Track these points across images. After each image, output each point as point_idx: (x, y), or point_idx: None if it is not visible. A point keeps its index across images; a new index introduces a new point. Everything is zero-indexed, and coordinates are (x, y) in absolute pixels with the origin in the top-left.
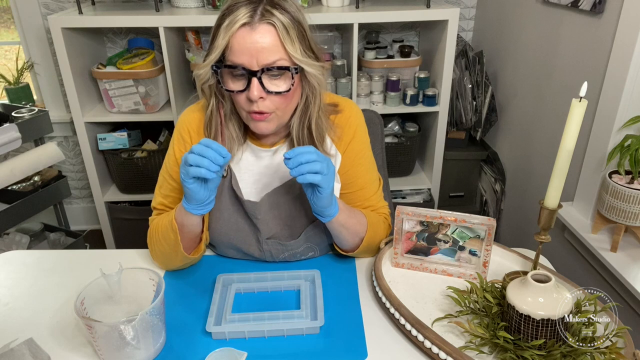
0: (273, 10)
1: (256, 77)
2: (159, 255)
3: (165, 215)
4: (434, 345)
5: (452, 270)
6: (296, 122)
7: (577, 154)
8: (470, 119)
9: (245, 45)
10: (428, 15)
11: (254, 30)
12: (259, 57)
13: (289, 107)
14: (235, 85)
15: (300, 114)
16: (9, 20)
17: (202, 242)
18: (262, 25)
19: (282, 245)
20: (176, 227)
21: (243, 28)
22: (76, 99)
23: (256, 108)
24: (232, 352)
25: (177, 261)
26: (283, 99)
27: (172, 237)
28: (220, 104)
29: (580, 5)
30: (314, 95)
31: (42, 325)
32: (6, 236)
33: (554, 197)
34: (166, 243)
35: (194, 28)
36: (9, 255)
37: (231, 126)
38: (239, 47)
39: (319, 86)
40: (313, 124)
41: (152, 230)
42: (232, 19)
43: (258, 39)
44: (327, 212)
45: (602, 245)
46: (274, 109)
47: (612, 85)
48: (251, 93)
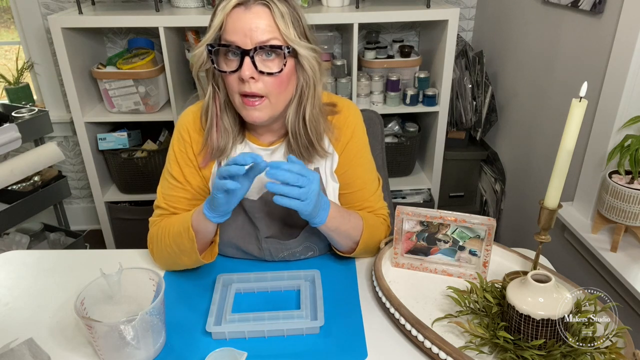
0: None
1: (249, 56)
2: (165, 257)
3: (176, 219)
4: (434, 345)
5: (452, 270)
6: (292, 114)
7: (577, 154)
8: (470, 119)
9: (240, 24)
10: (428, 15)
11: (249, 10)
12: (252, 35)
13: (282, 94)
14: (228, 66)
15: (296, 107)
16: (9, 20)
17: (215, 244)
18: (256, 6)
19: (281, 244)
20: (193, 236)
21: (238, 8)
22: (76, 99)
23: (247, 89)
24: (232, 352)
25: (185, 265)
26: (275, 81)
27: (187, 245)
28: (217, 93)
29: (580, 5)
30: (309, 86)
31: (42, 325)
32: (6, 236)
33: (554, 197)
34: (178, 248)
35: (194, 28)
36: (9, 255)
37: (226, 119)
38: (233, 26)
39: (314, 75)
40: (307, 116)
41: (159, 233)
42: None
43: (252, 18)
44: (313, 220)
45: (602, 245)
46: (266, 92)
47: (612, 85)
48: (242, 72)
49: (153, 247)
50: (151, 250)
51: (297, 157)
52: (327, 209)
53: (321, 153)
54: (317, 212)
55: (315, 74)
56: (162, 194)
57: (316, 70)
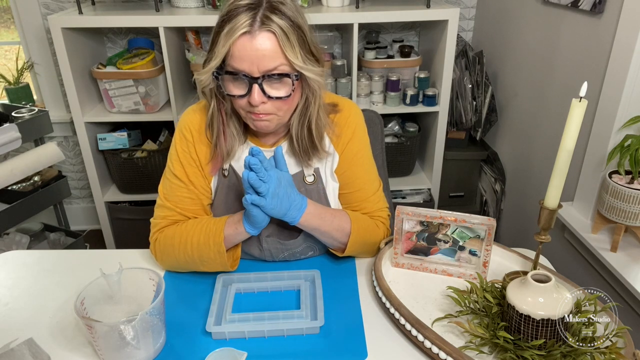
0: (272, 16)
1: (257, 84)
2: (177, 263)
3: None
4: (434, 345)
5: (452, 270)
6: (296, 121)
7: (577, 154)
8: (470, 119)
9: (246, 52)
10: (428, 15)
11: (254, 38)
12: (259, 64)
13: (289, 108)
14: (237, 90)
15: (300, 114)
16: (9, 20)
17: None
18: (262, 33)
19: (281, 245)
20: (224, 250)
21: (243, 36)
22: (76, 99)
23: (257, 111)
24: (232, 352)
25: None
26: (284, 103)
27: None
28: (221, 104)
29: (580, 5)
30: (314, 96)
31: (42, 325)
32: (6, 236)
33: (554, 197)
34: (200, 259)
35: (194, 28)
36: (9, 255)
37: (232, 125)
38: (240, 54)
39: (319, 88)
40: (313, 124)
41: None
42: (232, 26)
43: (258, 46)
44: (283, 219)
45: (602, 245)
46: (275, 111)
47: (612, 85)
48: (252, 99)
49: (161, 250)
50: (155, 252)
51: (298, 158)
52: (302, 209)
53: (321, 154)
54: (287, 211)
55: (320, 87)
56: (164, 194)
57: (322, 85)
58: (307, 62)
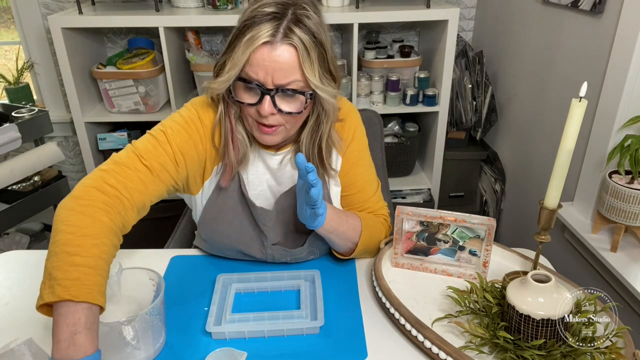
0: (296, 29)
1: (269, 95)
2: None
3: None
4: (434, 345)
5: (452, 270)
6: (307, 138)
7: (577, 154)
8: (470, 119)
9: (264, 62)
10: (428, 15)
11: (275, 49)
12: (274, 75)
13: (298, 122)
14: (248, 98)
15: (312, 130)
16: (9, 20)
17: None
18: (283, 45)
19: (286, 252)
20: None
21: (264, 46)
22: (76, 99)
23: (265, 121)
24: (232, 352)
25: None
26: (294, 117)
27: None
28: (230, 108)
29: (580, 5)
30: (327, 115)
31: (42, 325)
32: (6, 236)
33: (554, 197)
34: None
35: (194, 28)
36: (9, 255)
37: (240, 129)
38: (257, 63)
39: (333, 109)
40: (323, 143)
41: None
42: (254, 34)
43: (277, 58)
44: (312, 223)
45: (602, 245)
46: (284, 123)
47: (612, 85)
48: (262, 109)
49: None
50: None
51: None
52: (325, 212)
53: (329, 173)
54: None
55: (334, 110)
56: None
57: (335, 108)
58: (324, 81)
